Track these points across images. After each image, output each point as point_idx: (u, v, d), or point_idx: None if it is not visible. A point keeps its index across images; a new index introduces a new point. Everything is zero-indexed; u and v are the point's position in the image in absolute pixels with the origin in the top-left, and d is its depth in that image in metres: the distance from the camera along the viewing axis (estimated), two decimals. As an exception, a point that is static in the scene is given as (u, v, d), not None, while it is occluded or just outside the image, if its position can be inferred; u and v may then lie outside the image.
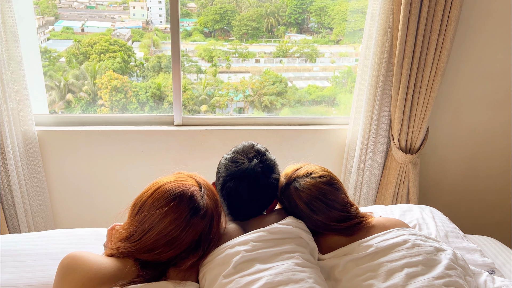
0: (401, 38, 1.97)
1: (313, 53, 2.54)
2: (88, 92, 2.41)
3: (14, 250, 1.29)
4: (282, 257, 1.05)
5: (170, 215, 0.99)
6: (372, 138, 2.24)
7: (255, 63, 2.52)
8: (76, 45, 2.33)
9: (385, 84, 2.13)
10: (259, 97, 2.53)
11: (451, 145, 2.46)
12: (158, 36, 2.43)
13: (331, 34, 2.49)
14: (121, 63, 2.36)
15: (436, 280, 1.04)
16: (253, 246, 1.06)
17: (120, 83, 2.37)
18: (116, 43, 2.35)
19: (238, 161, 1.21)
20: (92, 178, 2.24)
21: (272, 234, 1.10)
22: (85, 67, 2.36)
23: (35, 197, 2.14)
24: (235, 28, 2.40)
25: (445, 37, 2.00)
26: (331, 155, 2.41)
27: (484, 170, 2.55)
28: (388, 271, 1.06)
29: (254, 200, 1.20)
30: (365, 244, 1.13)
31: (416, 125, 2.19)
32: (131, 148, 2.22)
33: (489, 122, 2.43)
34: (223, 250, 1.07)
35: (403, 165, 2.27)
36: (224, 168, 1.23)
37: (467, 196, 2.61)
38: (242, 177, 1.18)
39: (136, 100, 2.40)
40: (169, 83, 2.39)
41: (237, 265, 1.02)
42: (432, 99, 2.12)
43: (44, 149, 2.14)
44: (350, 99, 2.60)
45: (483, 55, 2.26)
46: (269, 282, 0.97)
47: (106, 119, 2.25)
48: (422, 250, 1.11)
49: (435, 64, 2.05)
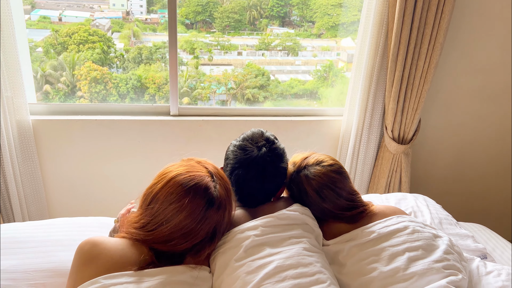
0: (397, 31, 2.01)
1: (295, 47, 2.55)
2: (67, 84, 2.36)
3: (17, 237, 1.29)
4: (290, 241, 1.08)
5: (185, 210, 0.97)
6: (366, 129, 2.29)
7: (238, 56, 2.51)
8: (54, 35, 2.28)
9: (379, 76, 2.17)
10: (241, 90, 2.53)
11: (441, 135, 2.53)
12: (139, 27, 2.39)
13: (313, 27, 2.50)
14: (100, 54, 2.32)
15: (436, 263, 1.09)
16: (262, 231, 1.09)
17: (100, 75, 2.32)
18: (96, 33, 2.30)
19: (247, 148, 1.20)
20: (87, 168, 2.22)
21: (280, 219, 1.13)
22: (64, 58, 2.31)
23: (29, 186, 2.11)
24: (217, 20, 2.38)
25: (439, 30, 2.05)
26: (325, 145, 2.45)
27: (472, 160, 2.64)
28: (390, 255, 1.12)
29: (262, 188, 1.21)
30: (367, 230, 1.19)
31: (409, 117, 2.24)
32: (127, 138, 2.20)
33: (478, 114, 2.51)
34: (233, 234, 1.09)
35: (396, 155, 2.33)
36: (232, 155, 1.22)
37: (455, 185, 2.69)
38: (251, 165, 1.18)
39: (116, 92, 2.36)
40: (149, 75, 2.36)
41: (247, 249, 1.04)
42: (425, 91, 2.18)
43: (39, 139, 2.11)
44: (331, 93, 2.62)
45: (474, 50, 2.32)
46: (280, 266, 1.00)
47: (102, 109, 2.23)
48: (422, 235, 1.16)
49: (428, 56, 2.11)
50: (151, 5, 2.39)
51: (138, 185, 2.34)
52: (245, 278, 0.99)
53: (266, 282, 0.97)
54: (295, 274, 0.99)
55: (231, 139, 2.28)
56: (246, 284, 0.98)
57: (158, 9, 2.40)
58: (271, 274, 0.98)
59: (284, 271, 0.99)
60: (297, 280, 0.98)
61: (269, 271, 0.99)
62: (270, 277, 0.98)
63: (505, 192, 2.77)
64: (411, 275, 1.07)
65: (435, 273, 1.07)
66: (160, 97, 2.40)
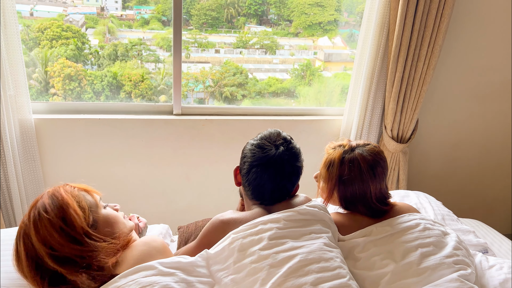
0: (398, 33, 2.07)
1: (273, 45, 2.55)
2: (39, 81, 2.29)
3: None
4: (311, 236, 1.12)
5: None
6: (366, 128, 2.35)
7: (215, 53, 2.50)
8: (25, 30, 2.21)
9: (379, 77, 2.23)
10: (219, 88, 2.52)
11: (435, 134, 2.62)
12: (114, 23, 2.35)
13: (291, 26, 2.52)
14: (74, 51, 2.26)
15: (447, 258, 1.16)
16: (284, 224, 1.12)
17: (74, 72, 2.27)
18: (69, 29, 2.24)
19: (266, 147, 1.23)
20: (90, 167, 2.20)
21: (301, 214, 1.17)
22: (35, 54, 2.24)
23: (31, 186, 2.08)
24: (194, 17, 2.36)
25: (438, 33, 2.13)
26: (325, 144, 2.47)
27: (465, 158, 2.74)
28: (404, 251, 1.17)
29: (279, 186, 1.23)
30: (381, 227, 1.25)
31: (408, 116, 2.31)
32: (130, 137, 2.19)
33: (470, 114, 2.60)
34: (256, 224, 1.12)
35: (394, 154, 2.40)
36: (250, 153, 1.25)
37: (449, 182, 2.79)
38: (269, 163, 1.21)
39: (91, 89, 2.31)
40: (125, 72, 2.32)
41: (271, 240, 1.08)
42: (423, 92, 2.25)
43: (41, 138, 2.08)
44: (309, 92, 2.64)
45: (468, 52, 2.41)
46: (303, 259, 1.04)
47: (105, 108, 2.21)
48: (432, 233, 1.23)
49: (427, 58, 2.18)
50: (127, 1, 2.35)
51: (141, 184, 2.35)
52: (270, 269, 1.02)
53: (290, 276, 1.00)
54: (317, 268, 1.03)
55: (234, 138, 2.32)
56: (271, 276, 1.01)
57: (133, 5, 2.36)
58: (295, 268, 1.02)
59: (307, 265, 1.03)
60: (319, 274, 1.02)
61: (293, 265, 1.02)
62: (294, 271, 1.02)
63: (498, 188, 2.89)
64: (424, 270, 1.13)
65: (446, 268, 1.13)
66: (137, 95, 2.36)
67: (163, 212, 2.40)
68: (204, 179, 2.39)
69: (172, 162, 2.31)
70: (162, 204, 2.40)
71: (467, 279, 1.12)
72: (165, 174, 2.32)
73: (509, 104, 2.62)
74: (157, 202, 2.37)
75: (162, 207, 2.40)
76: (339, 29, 2.59)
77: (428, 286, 1.09)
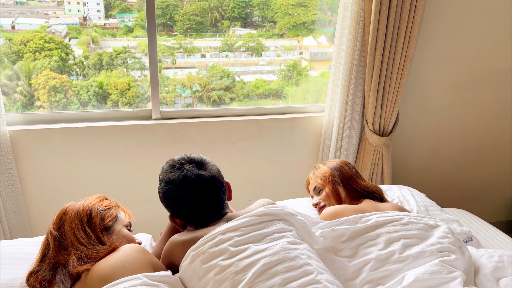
0: (373, 27, 2.07)
1: (259, 47, 2.56)
2: (24, 94, 2.26)
3: (13, 253, 1.30)
4: (273, 237, 1.11)
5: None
6: (348, 123, 2.35)
7: (201, 58, 2.50)
8: (7, 43, 2.18)
9: (358, 71, 2.23)
10: (207, 92, 2.52)
11: (417, 126, 2.63)
12: (97, 32, 2.34)
13: (275, 28, 2.53)
14: (58, 62, 2.24)
15: (430, 246, 1.19)
16: (243, 231, 1.10)
17: (59, 83, 2.25)
18: (52, 40, 2.22)
19: (172, 178, 1.19)
20: (69, 177, 2.16)
21: (259, 216, 1.15)
22: (19, 67, 2.22)
23: (9, 201, 2.03)
24: (178, 23, 2.36)
25: (413, 25, 2.14)
26: (308, 142, 2.50)
27: (447, 150, 2.75)
28: (387, 240, 1.21)
29: (211, 196, 1.20)
30: (365, 218, 1.29)
31: (388, 109, 2.32)
32: (109, 144, 2.15)
33: (451, 104, 2.62)
34: (215, 235, 1.09)
35: (377, 148, 2.40)
36: (165, 193, 1.20)
37: (431, 173, 2.80)
38: (186, 187, 1.17)
39: (77, 100, 2.29)
40: (111, 81, 2.31)
41: (232, 248, 1.06)
42: (402, 84, 2.26)
43: (17, 150, 2.03)
44: (296, 92, 2.65)
45: (445, 42, 2.42)
46: (267, 262, 1.02)
47: (81, 116, 2.17)
48: (416, 226, 1.27)
49: (404, 50, 2.19)
50: (109, 9, 2.34)
51: (124, 191, 2.31)
52: (234, 278, 1.00)
53: (257, 281, 0.98)
54: (284, 269, 1.02)
55: (215, 140, 2.31)
56: (236, 284, 0.99)
57: (116, 13, 2.35)
58: (260, 272, 1.00)
59: (272, 267, 1.02)
60: (286, 274, 1.00)
61: (257, 269, 1.00)
62: (260, 275, 1.00)
63: (483, 177, 2.91)
64: (406, 257, 1.16)
65: (429, 255, 1.16)
66: (123, 103, 2.35)
67: (147, 219, 2.36)
68: (188, 183, 2.35)
69: (154, 167, 2.27)
70: (146, 210, 2.36)
71: (451, 265, 1.13)
72: (147, 179, 2.28)
73: (491, 92, 2.64)
74: (140, 209, 2.33)
75: (146, 214, 2.36)
76: (323, 28, 2.61)
77: (410, 271, 1.11)
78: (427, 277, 1.08)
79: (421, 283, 1.07)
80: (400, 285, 1.08)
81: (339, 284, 1.07)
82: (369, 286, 1.12)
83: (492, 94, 2.65)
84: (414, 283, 1.06)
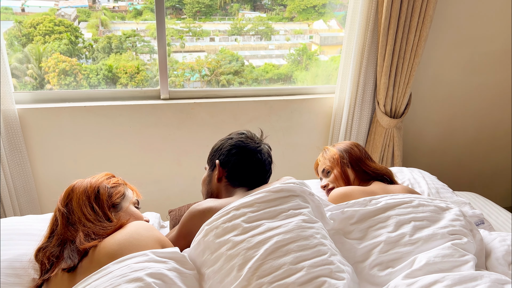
0: (387, 4, 2.01)
1: (268, 31, 2.53)
2: (34, 77, 2.28)
3: (23, 230, 1.31)
4: (289, 214, 1.10)
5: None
6: (358, 105, 2.30)
7: (210, 41, 2.48)
8: (18, 26, 2.19)
9: (370, 51, 2.17)
10: (216, 76, 2.50)
11: (430, 108, 2.57)
12: (107, 15, 2.32)
13: (285, 11, 2.49)
14: (68, 45, 2.24)
15: (441, 229, 1.17)
16: (258, 207, 1.10)
17: (69, 66, 2.25)
18: (62, 23, 2.22)
19: (250, 141, 1.36)
20: (78, 157, 2.16)
21: (275, 193, 1.14)
22: (29, 50, 2.23)
23: (19, 179, 2.04)
24: (187, 6, 2.33)
25: (428, 2, 2.06)
26: (318, 123, 2.46)
27: (460, 134, 2.70)
28: (397, 223, 1.19)
29: (263, 171, 1.34)
30: (375, 200, 1.28)
31: (400, 91, 2.26)
32: (118, 124, 2.15)
33: (465, 86, 2.54)
34: (229, 211, 1.09)
35: (388, 130, 2.35)
36: (238, 145, 1.34)
37: (443, 157, 2.75)
38: (257, 151, 1.34)
39: (87, 83, 2.30)
40: (120, 64, 2.31)
41: (245, 224, 1.05)
42: (416, 65, 2.19)
43: (26, 128, 2.04)
44: (306, 77, 2.63)
45: (462, 21, 2.35)
46: (280, 241, 1.01)
47: (90, 95, 2.16)
48: (427, 209, 1.25)
49: (418, 30, 2.12)
50: (118, -8, 2.32)
51: (131, 170, 2.33)
52: (246, 254, 0.99)
53: (268, 258, 0.98)
54: (296, 247, 1.01)
55: (224, 121, 2.29)
56: (247, 260, 0.98)
57: (125, -4, 2.33)
58: (272, 250, 0.99)
59: (285, 245, 1.01)
60: (298, 253, 0.99)
61: (269, 247, 0.99)
62: (272, 252, 0.99)
63: (496, 161, 2.85)
64: (416, 240, 1.14)
65: (440, 238, 1.14)
66: (133, 87, 2.35)
67: (155, 199, 2.38)
68: (196, 164, 2.34)
69: (162, 147, 2.27)
70: (154, 191, 2.38)
71: (463, 248, 1.12)
72: (155, 160, 2.28)
73: (507, 74, 2.56)
74: (148, 189, 2.36)
75: (154, 194, 2.38)
76: (334, 12, 2.57)
77: (421, 254, 1.10)
78: (438, 260, 1.06)
79: (433, 266, 1.05)
80: (410, 268, 1.07)
81: (350, 266, 1.06)
82: (379, 269, 1.11)
83: (508, 76, 2.57)
84: (426, 266, 1.05)
